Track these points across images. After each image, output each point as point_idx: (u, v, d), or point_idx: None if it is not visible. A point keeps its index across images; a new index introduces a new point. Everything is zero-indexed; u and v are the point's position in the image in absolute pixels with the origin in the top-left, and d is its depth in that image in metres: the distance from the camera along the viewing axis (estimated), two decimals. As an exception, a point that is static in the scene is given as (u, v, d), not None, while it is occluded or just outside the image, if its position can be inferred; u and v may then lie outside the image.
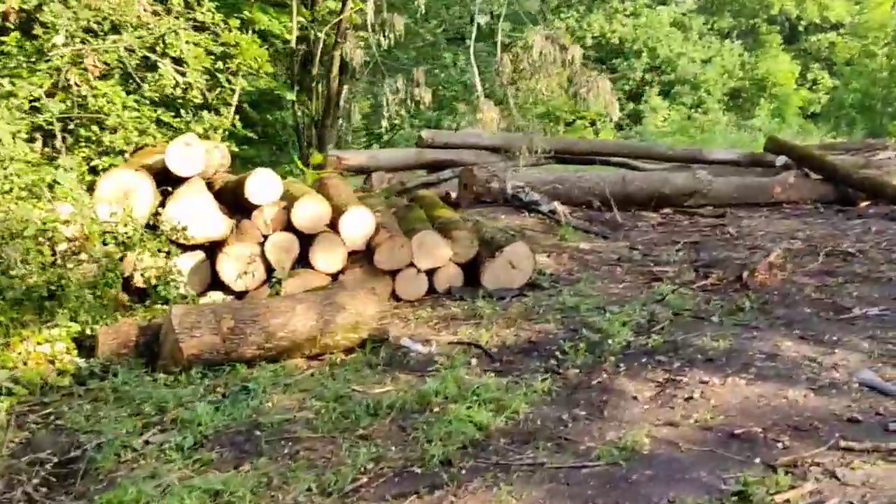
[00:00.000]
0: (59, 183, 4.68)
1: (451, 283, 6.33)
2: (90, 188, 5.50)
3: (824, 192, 11.28)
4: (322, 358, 4.80)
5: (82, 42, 5.25)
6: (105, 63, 5.86)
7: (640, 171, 12.79)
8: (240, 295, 5.75)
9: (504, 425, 3.66)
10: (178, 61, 6.38)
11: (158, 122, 6.99)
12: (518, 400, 3.90)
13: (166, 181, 5.80)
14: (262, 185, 5.80)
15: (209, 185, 6.04)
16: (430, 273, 6.29)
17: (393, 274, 6.15)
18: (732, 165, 13.22)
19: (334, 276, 6.02)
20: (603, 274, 7.02)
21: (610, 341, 4.82)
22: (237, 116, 8.67)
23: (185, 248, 5.74)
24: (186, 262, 5.71)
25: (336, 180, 7.71)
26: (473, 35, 7.69)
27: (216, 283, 5.75)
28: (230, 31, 7.31)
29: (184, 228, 5.41)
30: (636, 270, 7.08)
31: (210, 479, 3.09)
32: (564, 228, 8.90)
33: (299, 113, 8.30)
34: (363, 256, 6.12)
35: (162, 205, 5.63)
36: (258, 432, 3.59)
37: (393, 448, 3.46)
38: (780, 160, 12.31)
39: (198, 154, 5.64)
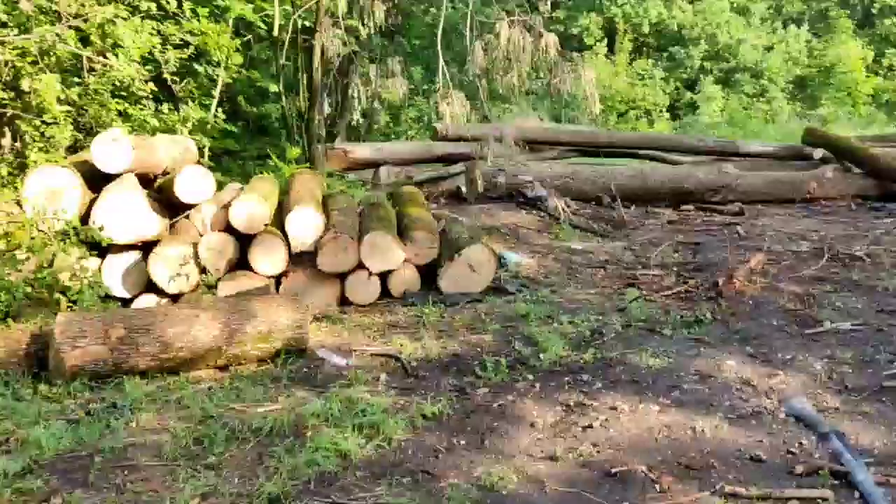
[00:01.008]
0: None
1: (407, 287, 5.95)
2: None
3: (866, 186, 10.41)
4: (229, 370, 4.49)
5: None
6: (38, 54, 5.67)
7: (667, 165, 12.14)
8: (175, 298, 5.50)
9: (370, 454, 3.27)
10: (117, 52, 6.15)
11: (124, 115, 6.84)
12: (400, 425, 3.51)
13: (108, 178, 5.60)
14: (192, 184, 5.54)
15: (148, 183, 5.82)
16: (386, 276, 5.92)
17: (342, 277, 5.81)
18: (770, 159, 12.36)
19: (278, 279, 5.72)
20: (581, 277, 6.53)
21: (541, 356, 4.37)
22: (220, 109, 8.52)
23: (119, 249, 5.52)
24: (118, 264, 5.50)
25: (307, 176, 7.41)
26: (441, 22, 7.24)
27: (152, 286, 5.52)
28: (197, 19, 7.08)
29: (100, 228, 5.19)
30: (618, 274, 6.57)
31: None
32: (561, 226, 8.42)
33: (287, 106, 8.05)
34: (312, 258, 5.79)
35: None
36: (98, 458, 3.30)
37: (235, 480, 3.12)
38: (818, 153, 11.43)
39: (124, 150, 5.40)
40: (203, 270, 5.49)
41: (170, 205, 5.68)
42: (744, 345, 4.43)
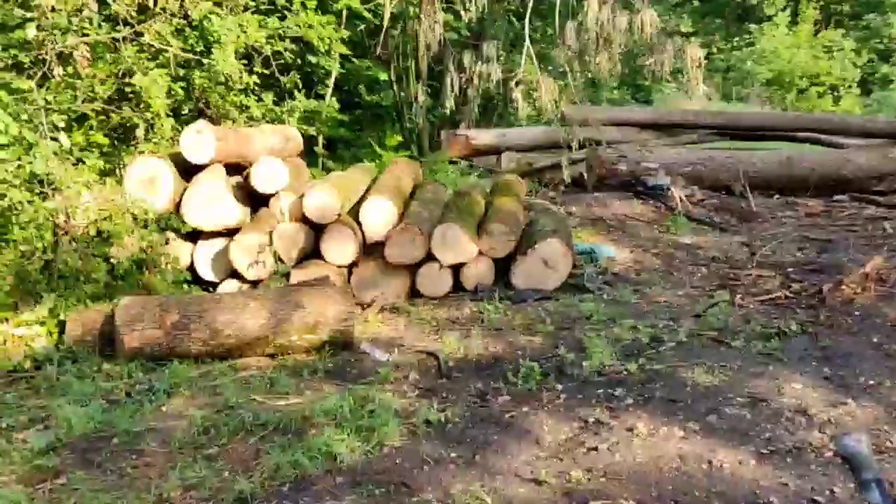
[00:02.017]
0: (48, 172, 4.86)
1: (480, 281, 5.78)
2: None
3: None
4: (276, 359, 4.57)
5: (63, 32, 5.39)
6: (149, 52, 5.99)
7: (822, 149, 10.97)
8: (254, 284, 5.69)
9: (357, 460, 3.19)
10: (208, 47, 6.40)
11: (238, 107, 7.14)
12: (400, 430, 3.40)
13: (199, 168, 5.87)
14: (268, 173, 5.68)
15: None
16: (459, 268, 5.80)
17: (414, 268, 5.75)
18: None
19: (349, 269, 5.76)
20: (677, 276, 6.07)
21: (584, 364, 4.07)
22: (334, 98, 8.70)
23: (209, 236, 5.79)
24: (208, 250, 5.77)
25: (401, 164, 7.41)
26: (529, 5, 6.85)
27: (236, 273, 5.74)
28: (305, 12, 7.24)
29: (183, 216, 5.46)
30: (719, 273, 6.03)
31: (6, 494, 3.01)
32: (676, 218, 7.85)
33: (400, 94, 8.05)
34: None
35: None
36: (115, 440, 3.46)
37: (225, 474, 3.15)
38: None
39: (207, 141, 5.62)
40: (278, 258, 5.63)
41: (256, 194, 5.86)
42: (823, 365, 3.88)
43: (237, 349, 4.52)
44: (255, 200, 5.95)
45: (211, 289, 5.73)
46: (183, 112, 6.74)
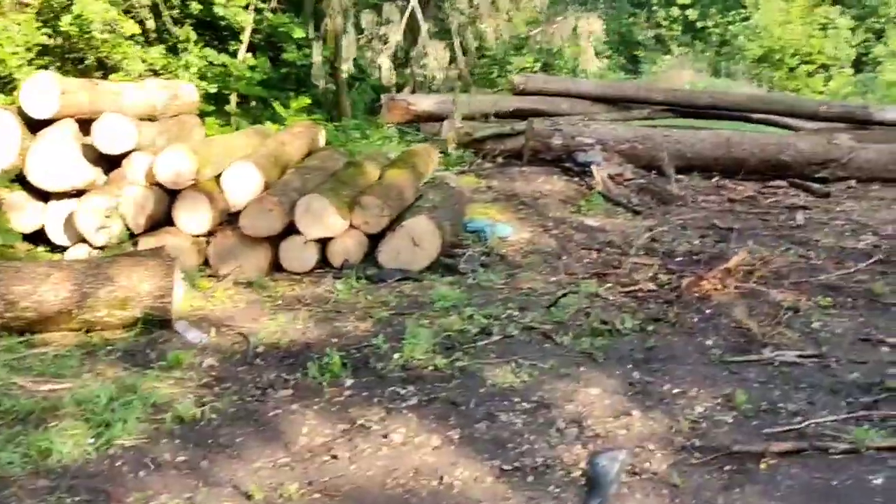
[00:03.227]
0: None
1: (347, 258, 5.42)
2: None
3: None
4: (88, 334, 4.24)
5: None
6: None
7: (761, 133, 10.49)
8: (103, 250, 5.35)
9: (77, 459, 2.86)
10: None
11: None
12: (139, 427, 3.07)
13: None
14: (111, 132, 5.29)
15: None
16: (326, 243, 5.44)
17: (276, 241, 5.40)
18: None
19: (206, 238, 5.40)
20: (562, 261, 5.71)
21: (394, 356, 3.74)
22: (249, 55, 8.26)
23: (61, 196, 5.43)
24: (59, 211, 5.42)
25: (297, 129, 7.02)
26: None
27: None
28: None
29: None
30: (604, 260, 5.66)
31: None
32: (592, 198, 7.47)
33: (315, 53, 7.62)
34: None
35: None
36: None
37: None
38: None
39: (51, 94, 5.23)
40: (126, 224, 5.27)
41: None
42: (637, 368, 3.54)
43: (38, 323, 4.17)
44: (112, 162, 5.58)
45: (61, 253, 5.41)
46: (55, 63, 6.36)
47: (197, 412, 3.18)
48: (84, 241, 5.33)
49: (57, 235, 5.46)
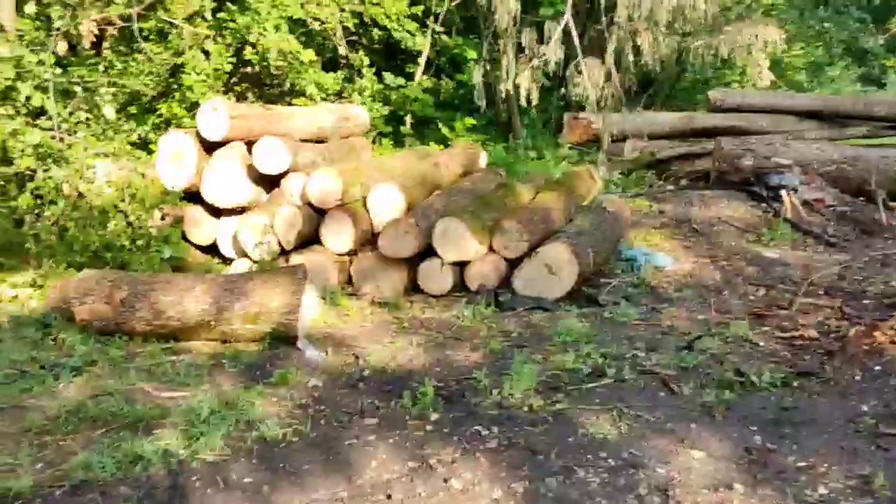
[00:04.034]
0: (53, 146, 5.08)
1: (483, 282, 5.30)
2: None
3: None
4: (224, 345, 4.47)
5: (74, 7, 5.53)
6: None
7: None
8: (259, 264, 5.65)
9: (155, 472, 2.97)
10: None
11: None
12: (223, 443, 3.14)
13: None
14: (266, 154, 5.56)
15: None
16: (464, 266, 5.36)
17: (414, 262, 5.40)
18: None
19: (350, 257, 5.52)
20: (722, 297, 5.22)
21: (493, 392, 3.55)
22: (425, 77, 8.42)
23: (231, 213, 5.83)
24: (228, 227, 5.82)
25: (456, 149, 7.02)
26: None
27: (247, 252, 5.73)
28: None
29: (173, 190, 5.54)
30: (771, 299, 5.05)
31: None
32: (777, 226, 6.75)
33: (475, 75, 7.56)
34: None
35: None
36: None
37: (38, 466, 3.08)
38: None
39: (221, 118, 5.61)
40: (279, 241, 5.53)
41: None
42: (760, 432, 3.05)
43: (181, 332, 4.47)
44: (274, 181, 5.90)
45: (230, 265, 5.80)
46: (252, 89, 6.85)
47: (280, 433, 3.20)
48: (246, 255, 5.68)
49: (226, 248, 5.87)
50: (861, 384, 3.45)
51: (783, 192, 7.25)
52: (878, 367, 3.59)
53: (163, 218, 5.47)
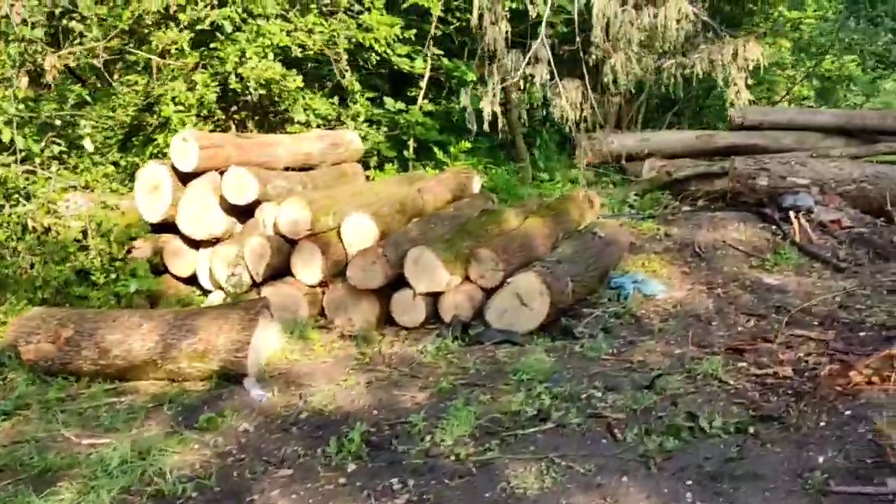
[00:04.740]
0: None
1: (458, 313, 5.06)
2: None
3: None
4: (174, 384, 4.33)
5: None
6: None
7: None
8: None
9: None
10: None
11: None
12: (118, 498, 2.96)
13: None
14: (235, 184, 5.43)
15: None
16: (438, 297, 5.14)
17: (387, 293, 5.19)
18: None
19: (323, 288, 5.35)
20: (709, 328, 4.86)
21: (427, 438, 3.31)
22: (425, 100, 8.27)
23: (209, 244, 5.72)
24: (205, 258, 5.71)
25: (445, 175, 6.81)
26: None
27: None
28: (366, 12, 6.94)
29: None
30: (760, 330, 4.70)
31: None
32: (783, 250, 6.35)
33: (462, 98, 7.38)
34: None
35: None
36: None
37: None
38: None
39: (192, 150, 5.50)
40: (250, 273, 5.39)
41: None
42: (694, 487, 2.73)
43: (128, 371, 4.33)
44: (248, 212, 5.78)
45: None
46: (236, 116, 6.79)
47: (180, 489, 3.01)
48: (221, 287, 5.55)
49: (205, 280, 5.75)
50: (824, 431, 3.10)
51: (792, 214, 6.84)
52: (847, 412, 3.22)
53: (128, 251, 5.38)
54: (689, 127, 12.35)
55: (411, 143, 8.37)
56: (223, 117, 7.09)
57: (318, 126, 7.44)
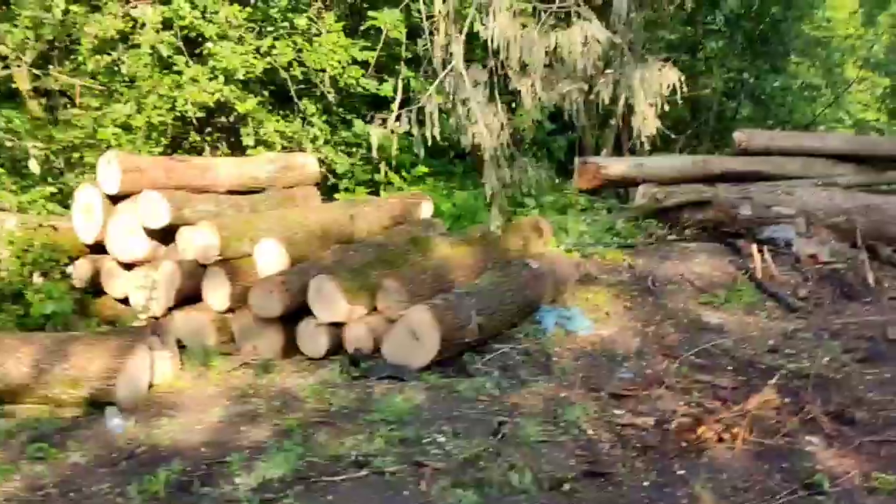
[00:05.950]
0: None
1: (359, 346, 4.89)
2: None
3: None
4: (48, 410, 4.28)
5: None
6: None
7: None
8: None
9: None
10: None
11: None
12: None
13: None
14: (148, 208, 5.38)
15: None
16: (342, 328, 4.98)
17: (293, 323, 5.06)
18: None
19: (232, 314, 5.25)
20: (619, 371, 4.56)
21: (236, 481, 3.15)
22: (398, 123, 8.15)
23: (136, 267, 5.72)
24: (134, 282, 5.70)
25: (391, 201, 6.64)
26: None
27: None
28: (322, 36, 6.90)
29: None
30: (664, 375, 4.37)
31: None
32: (740, 286, 5.97)
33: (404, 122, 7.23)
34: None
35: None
36: None
37: None
38: None
39: (114, 173, 5.49)
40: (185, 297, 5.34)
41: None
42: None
43: (5, 394, 4.31)
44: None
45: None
46: (208, 138, 6.84)
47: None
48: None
49: (135, 303, 5.73)
50: (644, 492, 2.80)
51: (754, 248, 6.43)
52: (682, 471, 2.92)
53: (44, 274, 5.41)
54: (707, 151, 11.92)
55: (383, 166, 8.26)
56: (198, 139, 7.14)
57: (283, 148, 7.42)
